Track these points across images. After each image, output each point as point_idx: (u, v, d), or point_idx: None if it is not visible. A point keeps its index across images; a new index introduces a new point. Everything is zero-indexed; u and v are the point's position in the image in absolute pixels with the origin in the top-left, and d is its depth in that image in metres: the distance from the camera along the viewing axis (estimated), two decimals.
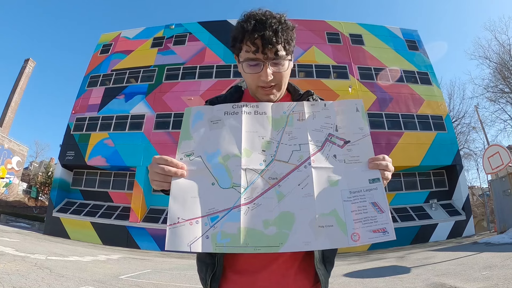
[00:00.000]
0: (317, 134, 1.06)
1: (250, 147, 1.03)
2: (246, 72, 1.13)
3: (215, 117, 1.08)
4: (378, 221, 0.94)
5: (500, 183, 14.86)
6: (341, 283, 7.31)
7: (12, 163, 34.62)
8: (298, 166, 1.00)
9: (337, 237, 0.92)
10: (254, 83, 1.14)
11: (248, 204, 0.95)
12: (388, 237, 0.92)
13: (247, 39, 1.08)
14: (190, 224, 0.92)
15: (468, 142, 33.39)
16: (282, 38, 1.08)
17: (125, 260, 11.78)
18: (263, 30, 1.06)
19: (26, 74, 44.30)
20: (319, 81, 22.14)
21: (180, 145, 1.04)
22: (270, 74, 1.10)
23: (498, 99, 28.34)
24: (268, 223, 0.93)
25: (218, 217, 0.93)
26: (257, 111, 1.09)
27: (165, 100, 22.30)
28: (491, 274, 6.28)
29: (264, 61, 1.09)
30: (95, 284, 6.50)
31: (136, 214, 19.16)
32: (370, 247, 16.74)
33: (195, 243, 0.90)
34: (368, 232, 0.92)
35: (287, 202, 0.95)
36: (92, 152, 21.47)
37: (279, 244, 0.90)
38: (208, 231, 0.92)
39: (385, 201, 0.96)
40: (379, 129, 20.51)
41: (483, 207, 24.63)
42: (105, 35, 27.17)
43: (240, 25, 1.10)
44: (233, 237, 0.90)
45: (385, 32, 25.00)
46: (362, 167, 1.01)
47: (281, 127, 1.07)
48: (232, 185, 0.97)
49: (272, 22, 1.07)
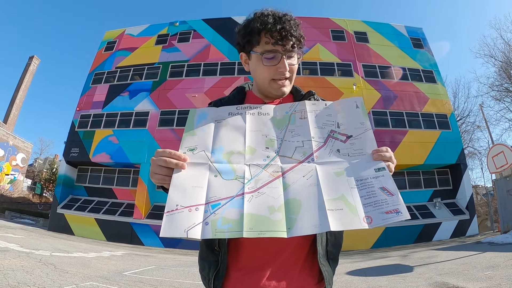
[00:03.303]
0: (319, 131, 1.06)
1: (254, 145, 1.03)
2: (265, 64, 1.16)
3: (219, 117, 1.09)
4: (389, 203, 0.89)
5: (504, 183, 14.77)
6: (344, 281, 7.31)
7: (16, 159, 34.75)
8: (302, 161, 1.00)
9: (349, 218, 0.87)
10: (269, 76, 1.18)
11: (252, 192, 0.92)
12: (402, 216, 0.87)
13: (267, 31, 1.13)
14: (189, 211, 0.87)
15: (473, 141, 33.29)
16: (297, 32, 1.16)
17: (129, 256, 11.83)
18: (282, 24, 1.13)
19: (30, 72, 44.41)
20: (323, 78, 22.08)
21: (184, 140, 1.03)
22: (287, 66, 1.16)
23: (503, 98, 28.13)
24: (273, 209, 0.88)
25: (220, 204, 0.89)
26: (260, 112, 1.11)
27: (169, 97, 22.33)
28: (494, 274, 6.26)
29: (283, 53, 1.15)
30: (99, 280, 6.54)
31: (140, 210, 19.24)
32: (373, 245, 16.75)
33: (193, 229, 0.84)
34: (380, 214, 0.88)
35: (292, 190, 0.93)
36: (97, 149, 21.56)
37: (287, 229, 0.84)
38: (208, 217, 0.87)
39: (394, 185, 0.93)
40: (383, 127, 20.45)
41: (487, 207, 24.51)
42: (109, 32, 27.22)
43: (259, 19, 1.15)
44: (235, 222, 0.85)
45: (390, 29, 24.87)
46: (367, 159, 0.99)
47: (284, 126, 1.08)
48: (235, 177, 0.95)
49: (288, 17, 1.16)
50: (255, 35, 1.15)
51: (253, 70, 1.23)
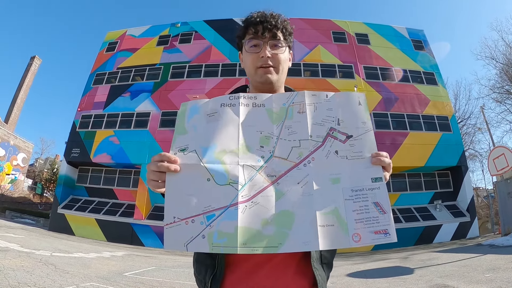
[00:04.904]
0: (318, 129, 1.01)
1: (248, 143, 1.00)
2: (247, 51, 1.25)
3: (211, 110, 1.04)
4: (380, 222, 0.90)
5: (505, 185, 14.75)
6: (344, 283, 7.31)
7: (17, 159, 34.84)
8: (297, 164, 0.97)
9: (338, 237, 0.89)
10: (254, 64, 1.23)
11: (246, 202, 0.91)
12: (390, 239, 0.89)
13: (250, 26, 1.24)
14: (186, 224, 0.90)
15: (474, 143, 33.22)
16: (280, 25, 1.24)
17: (129, 257, 11.84)
18: (264, 18, 1.23)
19: (32, 72, 44.50)
20: (324, 80, 22.08)
21: (175, 140, 1.01)
22: (269, 53, 1.21)
23: (504, 100, 28.09)
24: (266, 222, 0.89)
25: (215, 216, 0.90)
26: (255, 103, 1.05)
27: (170, 98, 22.34)
28: (495, 277, 6.25)
29: (264, 41, 1.22)
30: (100, 281, 6.54)
31: (140, 211, 19.26)
32: (373, 248, 16.70)
33: (191, 243, 0.88)
34: (369, 233, 0.89)
35: (286, 200, 0.92)
36: (98, 149, 21.59)
37: (278, 245, 0.87)
38: (204, 230, 0.88)
39: (388, 201, 0.93)
40: (384, 129, 20.44)
41: (487, 209, 24.50)
42: (111, 33, 27.27)
43: (245, 18, 1.27)
44: (229, 236, 0.87)
45: (391, 31, 24.87)
46: (365, 164, 0.97)
47: (280, 121, 1.02)
48: (229, 182, 0.93)
49: (273, 14, 1.24)
50: (243, 30, 1.27)
51: (244, 62, 1.30)
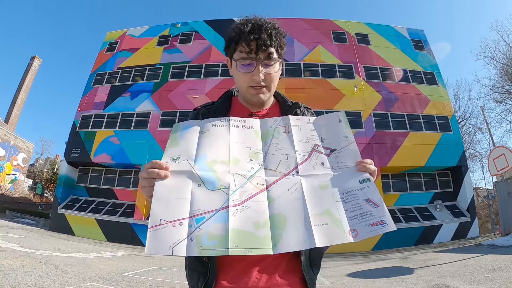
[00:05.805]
0: (303, 145, 1.07)
1: (238, 156, 1.02)
2: (239, 71, 1.19)
3: (203, 128, 1.08)
4: (374, 214, 0.90)
5: (505, 185, 14.77)
6: (344, 283, 7.31)
7: (17, 159, 34.82)
8: (286, 174, 0.99)
9: (334, 233, 0.87)
10: (246, 83, 1.20)
11: (237, 206, 0.90)
12: (388, 228, 0.88)
13: (242, 40, 1.14)
14: (173, 226, 0.84)
15: (474, 143, 33.23)
16: (275, 42, 1.17)
17: (130, 257, 11.84)
18: (259, 33, 1.13)
19: (32, 72, 44.47)
20: (324, 80, 22.06)
21: (166, 151, 1.00)
22: (262, 74, 1.16)
23: (504, 100, 28.13)
24: (259, 225, 0.87)
25: (204, 218, 0.87)
26: (244, 125, 1.10)
27: (170, 98, 22.35)
28: (495, 277, 6.26)
29: (258, 62, 1.16)
30: (100, 281, 6.54)
31: (140, 211, 19.24)
32: (373, 248, 16.71)
33: (178, 245, 0.82)
34: (366, 226, 0.89)
35: (277, 205, 0.92)
36: (98, 149, 21.56)
37: (272, 246, 0.84)
38: (193, 233, 0.84)
39: (379, 196, 0.93)
40: (385, 129, 20.39)
41: (488, 209, 24.46)
42: (111, 33, 27.25)
43: (237, 27, 1.17)
44: (220, 238, 0.83)
45: (391, 31, 24.85)
46: (351, 171, 1.00)
47: (268, 140, 1.08)
48: (220, 187, 0.93)
49: (268, 26, 1.16)
50: (232, 43, 1.18)
51: (233, 75, 1.27)
